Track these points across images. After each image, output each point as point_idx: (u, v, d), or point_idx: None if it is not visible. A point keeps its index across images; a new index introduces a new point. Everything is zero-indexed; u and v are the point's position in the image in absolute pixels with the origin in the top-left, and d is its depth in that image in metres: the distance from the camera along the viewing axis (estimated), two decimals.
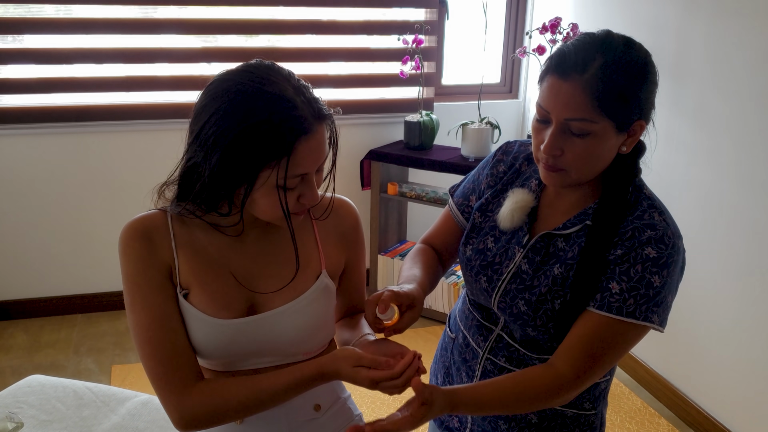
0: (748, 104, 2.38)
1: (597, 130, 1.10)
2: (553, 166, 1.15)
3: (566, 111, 1.10)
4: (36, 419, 1.87)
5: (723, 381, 2.59)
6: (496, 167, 1.36)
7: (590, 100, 1.08)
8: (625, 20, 2.99)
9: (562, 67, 1.10)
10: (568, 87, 1.09)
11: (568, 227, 1.22)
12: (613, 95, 1.08)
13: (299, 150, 1.03)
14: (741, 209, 2.44)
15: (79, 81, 3.28)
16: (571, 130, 1.11)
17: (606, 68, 1.08)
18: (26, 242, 3.40)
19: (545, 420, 1.31)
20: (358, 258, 1.32)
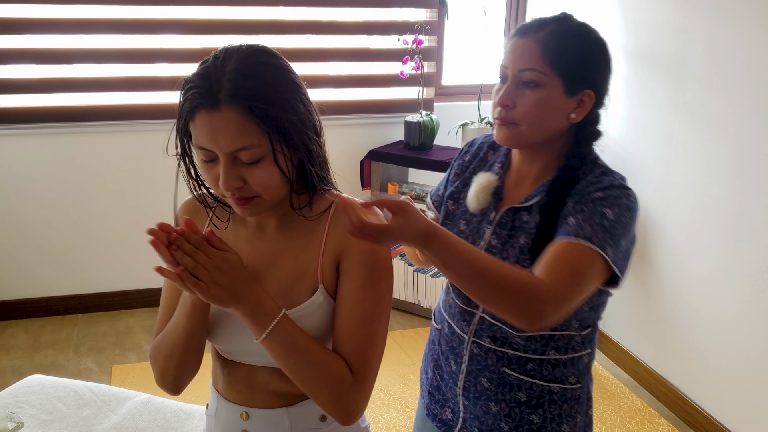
0: (747, 104, 2.39)
1: (546, 82, 1.22)
2: (505, 118, 1.26)
3: (520, 62, 1.24)
4: (36, 419, 1.87)
5: (723, 381, 2.59)
6: (463, 158, 1.47)
7: (541, 53, 1.22)
8: (626, 20, 3.00)
9: (522, 30, 1.26)
10: (523, 42, 1.24)
11: (530, 200, 1.31)
12: (562, 54, 1.22)
13: (197, 121, 1.03)
14: (741, 209, 2.44)
15: (79, 81, 3.28)
16: (523, 81, 1.24)
17: (559, 31, 1.23)
18: (26, 242, 3.40)
19: (533, 398, 1.35)
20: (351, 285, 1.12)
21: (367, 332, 1.11)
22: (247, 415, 1.20)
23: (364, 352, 1.11)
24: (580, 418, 1.39)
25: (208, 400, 1.31)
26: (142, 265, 3.55)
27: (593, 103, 1.28)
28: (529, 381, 1.34)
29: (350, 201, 1.03)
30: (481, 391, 1.37)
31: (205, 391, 2.81)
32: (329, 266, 1.14)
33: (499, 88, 1.29)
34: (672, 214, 2.79)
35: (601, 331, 3.30)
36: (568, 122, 1.28)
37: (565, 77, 1.23)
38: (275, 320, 1.06)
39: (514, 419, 1.36)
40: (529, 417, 1.36)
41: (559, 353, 1.34)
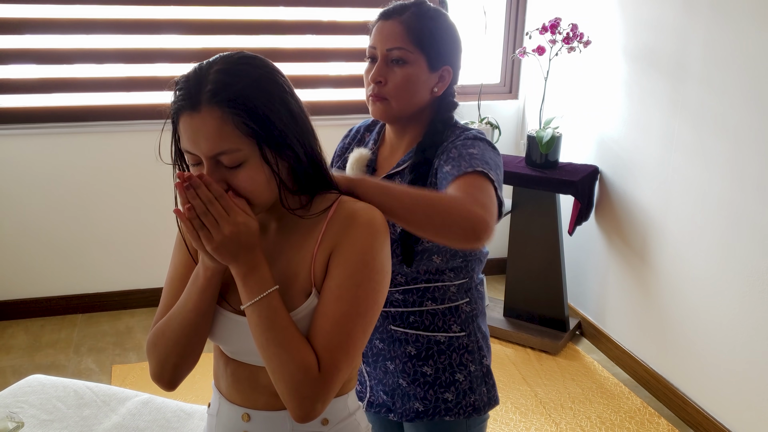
0: (747, 104, 2.39)
1: (412, 60, 1.37)
2: (378, 94, 1.40)
3: (388, 42, 1.38)
4: (36, 419, 1.87)
5: (723, 381, 2.59)
6: (344, 141, 1.61)
7: (406, 33, 1.37)
8: (626, 20, 3.00)
9: (386, 13, 1.41)
10: (389, 24, 1.39)
11: (401, 165, 1.44)
12: (423, 33, 1.37)
13: (180, 123, 1.05)
14: (740, 209, 2.45)
15: (80, 81, 3.29)
16: (392, 59, 1.38)
17: (418, 14, 1.38)
18: (27, 242, 3.40)
19: (422, 350, 1.46)
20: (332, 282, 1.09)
21: (341, 332, 1.07)
22: (249, 416, 1.20)
23: (333, 351, 1.07)
24: (474, 367, 1.49)
25: (210, 399, 1.31)
26: (143, 265, 3.55)
27: (451, 77, 1.44)
28: (414, 333, 1.46)
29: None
30: (377, 353, 1.50)
31: (205, 390, 2.82)
32: (322, 267, 1.11)
33: (369, 68, 1.43)
34: (672, 214, 2.79)
35: (601, 331, 3.30)
36: (432, 96, 1.43)
37: (428, 54, 1.38)
38: (266, 292, 1.06)
39: (409, 374, 1.48)
40: (422, 369, 1.47)
41: (437, 304, 1.45)
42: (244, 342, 1.14)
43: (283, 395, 1.07)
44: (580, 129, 3.39)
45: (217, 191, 1.02)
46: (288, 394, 1.06)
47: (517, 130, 3.95)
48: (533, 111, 3.72)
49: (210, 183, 1.02)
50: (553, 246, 3.24)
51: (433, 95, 1.44)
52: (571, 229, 3.22)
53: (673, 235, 2.79)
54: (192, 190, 1.01)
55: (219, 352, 1.23)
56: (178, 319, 1.14)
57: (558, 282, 3.27)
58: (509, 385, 3.00)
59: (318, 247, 1.11)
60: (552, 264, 3.26)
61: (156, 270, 3.55)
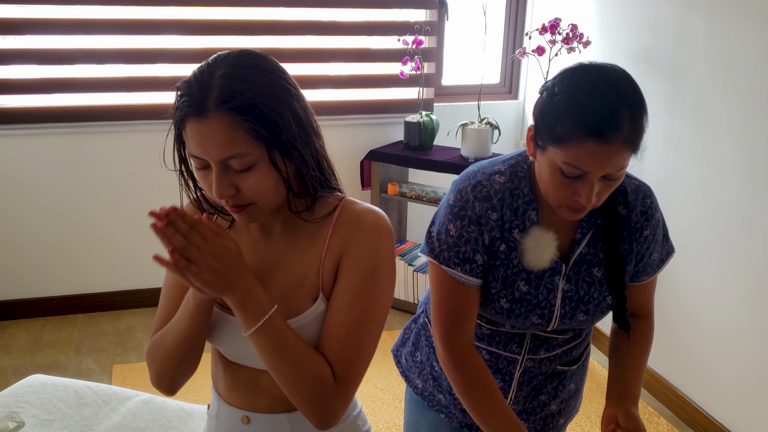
0: (747, 104, 2.39)
1: (625, 165, 1.16)
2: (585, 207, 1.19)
3: (609, 168, 1.13)
4: (37, 418, 1.88)
5: (723, 381, 2.59)
6: (488, 217, 1.28)
7: (629, 152, 1.13)
8: (625, 20, 3.00)
9: (601, 134, 1.09)
10: (611, 149, 1.10)
11: (586, 234, 1.31)
12: (640, 137, 1.14)
13: (187, 129, 1.02)
14: (741, 209, 2.45)
15: (80, 81, 3.29)
16: (607, 178, 1.15)
17: (633, 118, 1.11)
18: (27, 242, 3.40)
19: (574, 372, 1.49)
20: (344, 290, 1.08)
21: (355, 339, 1.08)
22: (248, 419, 1.20)
23: (349, 360, 1.08)
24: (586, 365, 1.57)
25: (210, 401, 1.31)
26: (143, 265, 3.56)
27: None
28: (574, 368, 1.49)
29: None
30: (529, 391, 1.45)
31: (205, 391, 2.82)
32: (330, 272, 1.11)
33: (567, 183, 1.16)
34: (672, 214, 2.79)
35: (601, 330, 3.30)
36: None
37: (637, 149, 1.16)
38: (266, 316, 1.04)
39: (560, 396, 1.49)
40: (568, 387, 1.50)
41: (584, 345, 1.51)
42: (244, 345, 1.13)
43: (303, 409, 1.08)
44: None
45: (192, 221, 1.00)
46: (308, 408, 1.07)
47: (517, 130, 3.95)
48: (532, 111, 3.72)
49: (183, 214, 1.00)
50: None
51: None
52: None
53: (673, 234, 2.78)
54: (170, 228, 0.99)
55: (217, 354, 1.22)
56: (172, 338, 1.13)
57: None
58: None
59: (326, 251, 1.11)
60: None
61: (156, 270, 3.54)
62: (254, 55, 1.05)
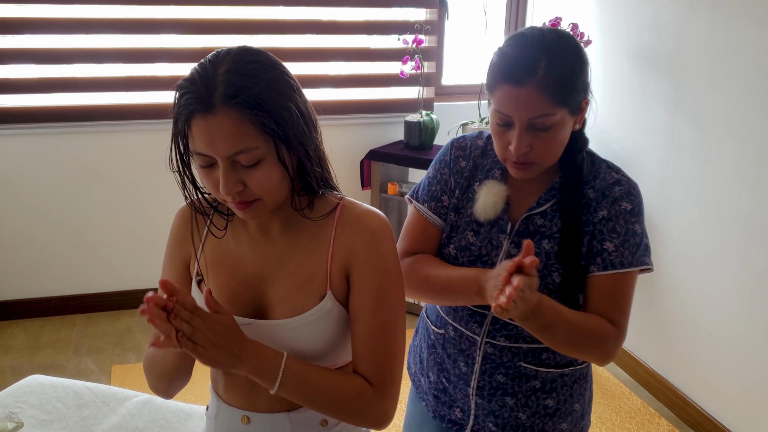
0: (748, 104, 2.38)
1: (557, 120, 1.21)
2: (524, 162, 1.25)
3: (527, 112, 1.20)
4: (36, 419, 1.87)
5: (723, 381, 2.59)
6: (458, 163, 1.41)
7: (546, 97, 1.19)
8: (626, 20, 3.00)
9: (515, 75, 1.20)
10: (525, 92, 1.19)
11: (543, 204, 1.33)
12: (563, 87, 1.20)
13: (193, 127, 1.02)
14: (741, 209, 2.44)
15: (79, 81, 3.28)
16: (535, 127, 1.22)
17: (552, 66, 1.19)
18: (26, 242, 3.40)
19: (547, 383, 1.41)
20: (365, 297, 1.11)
21: (385, 342, 1.12)
22: (248, 419, 1.20)
23: (384, 363, 1.12)
24: (587, 394, 1.48)
25: (208, 402, 1.31)
26: (142, 265, 3.55)
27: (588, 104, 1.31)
28: (545, 371, 1.40)
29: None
30: (496, 387, 1.41)
31: (204, 391, 2.82)
32: (338, 273, 1.13)
33: (502, 132, 1.25)
34: (672, 214, 2.79)
35: None
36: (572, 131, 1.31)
37: (570, 105, 1.23)
38: (281, 369, 1.06)
39: (531, 407, 1.41)
40: (544, 402, 1.42)
41: None
42: None
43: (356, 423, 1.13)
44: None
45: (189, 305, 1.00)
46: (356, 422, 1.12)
47: None
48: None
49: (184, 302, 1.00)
50: None
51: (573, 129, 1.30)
52: None
53: (673, 234, 2.79)
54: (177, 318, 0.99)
55: None
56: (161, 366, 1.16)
57: None
58: None
59: (332, 253, 1.13)
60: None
61: (156, 270, 3.52)
62: (255, 51, 1.05)
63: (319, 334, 1.13)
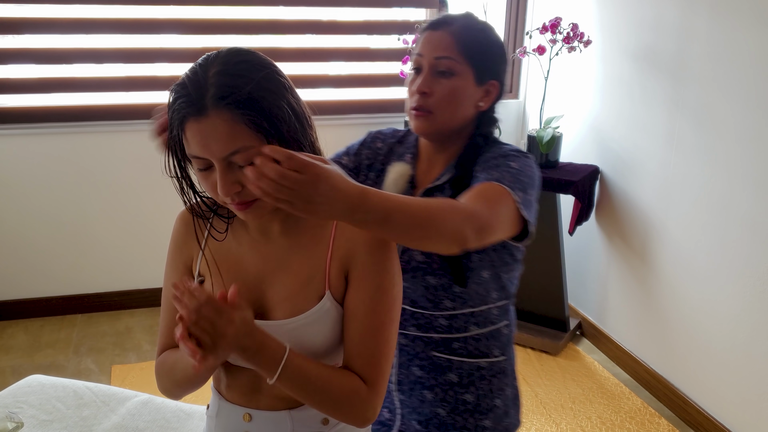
0: (749, 104, 2.38)
1: (460, 71, 1.33)
2: (422, 106, 1.35)
3: (437, 51, 1.34)
4: (36, 419, 1.87)
5: (723, 381, 2.59)
6: (374, 143, 1.53)
7: (456, 44, 1.33)
8: (626, 20, 2.99)
9: (434, 23, 1.37)
10: (438, 34, 1.35)
11: (441, 178, 1.40)
12: (472, 45, 1.34)
13: (187, 130, 1.02)
14: (741, 209, 2.44)
15: (79, 81, 3.28)
16: (439, 70, 1.34)
17: (468, 26, 1.36)
18: (26, 242, 3.40)
19: (464, 377, 1.43)
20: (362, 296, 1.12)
21: (380, 341, 1.12)
22: (250, 416, 1.20)
23: (377, 362, 1.12)
24: (509, 390, 1.49)
25: (209, 401, 1.31)
26: (142, 265, 3.55)
27: (497, 93, 1.40)
28: (458, 360, 1.42)
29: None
30: (414, 381, 1.43)
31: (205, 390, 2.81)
32: (337, 273, 1.13)
33: (414, 78, 1.38)
34: (672, 214, 2.79)
35: (601, 330, 3.29)
36: (476, 110, 1.39)
37: (476, 67, 1.34)
38: (283, 360, 1.06)
39: (449, 402, 1.43)
40: (463, 397, 1.43)
41: (480, 328, 1.42)
42: None
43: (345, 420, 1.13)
44: (580, 129, 3.38)
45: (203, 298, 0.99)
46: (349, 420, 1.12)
47: (518, 129, 3.95)
48: (534, 111, 3.72)
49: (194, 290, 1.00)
50: (554, 246, 3.24)
51: (478, 109, 1.38)
52: (572, 229, 3.22)
53: (673, 235, 2.79)
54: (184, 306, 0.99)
55: None
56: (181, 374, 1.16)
57: (558, 282, 3.26)
58: None
59: (331, 253, 1.13)
60: (552, 264, 3.26)
61: (156, 270, 3.54)
62: (245, 51, 1.05)
63: (318, 335, 1.13)
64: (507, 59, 1.42)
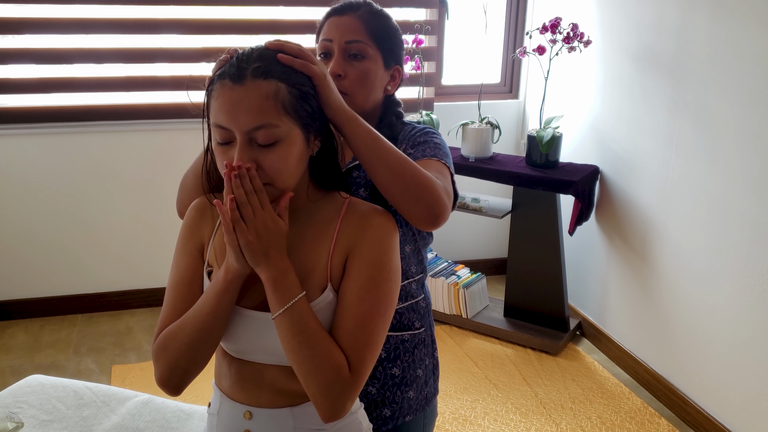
0: (748, 103, 2.38)
1: (371, 54, 1.38)
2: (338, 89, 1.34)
3: (346, 35, 1.38)
4: (36, 419, 1.87)
5: (723, 381, 2.59)
6: None
7: (364, 28, 1.38)
8: (626, 20, 3.00)
9: (339, 9, 1.41)
10: (345, 18, 1.39)
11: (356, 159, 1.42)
12: (378, 29, 1.39)
13: (219, 95, 1.05)
14: (741, 209, 2.44)
15: (79, 81, 3.28)
16: (350, 53, 1.38)
17: (371, 12, 1.41)
18: (26, 242, 3.40)
19: (391, 351, 1.46)
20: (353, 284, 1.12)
21: (365, 331, 1.11)
22: (251, 414, 1.20)
23: (360, 351, 1.10)
24: (428, 360, 1.53)
25: (210, 399, 1.31)
26: (142, 265, 3.55)
27: (400, 78, 1.46)
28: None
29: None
30: None
31: (204, 391, 2.82)
32: (338, 264, 1.14)
33: (325, 63, 1.40)
34: (672, 214, 2.79)
35: (601, 330, 3.30)
36: (384, 94, 1.45)
37: (384, 51, 1.40)
38: (295, 298, 1.07)
39: (379, 378, 1.46)
40: (391, 372, 1.46)
41: (402, 302, 1.47)
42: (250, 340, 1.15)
43: (315, 396, 1.09)
44: (580, 129, 3.38)
45: (258, 186, 1.04)
46: (320, 395, 1.08)
47: (518, 129, 3.95)
48: (534, 111, 3.72)
49: (254, 176, 1.04)
50: (554, 246, 3.24)
51: (386, 93, 1.45)
52: (572, 229, 3.22)
53: (673, 234, 2.79)
54: (237, 180, 1.03)
55: (222, 351, 1.23)
56: (193, 322, 1.12)
57: (558, 282, 3.26)
58: (509, 385, 2.99)
59: (334, 245, 1.14)
60: (552, 264, 3.26)
61: (156, 270, 3.54)
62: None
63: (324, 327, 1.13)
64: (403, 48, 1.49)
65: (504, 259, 3.80)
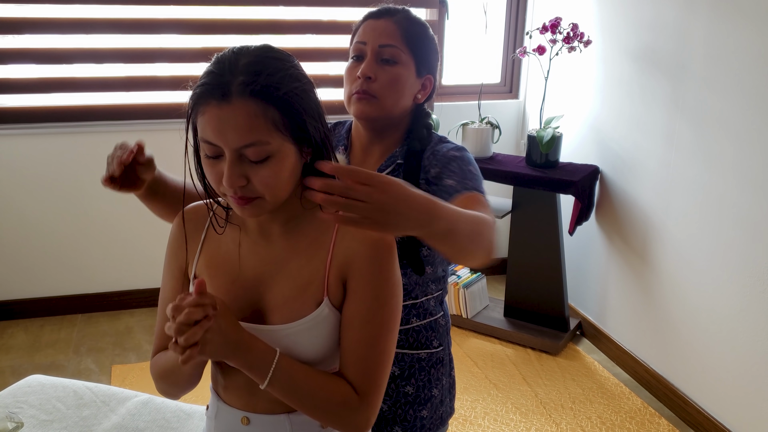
0: (748, 103, 2.38)
1: (404, 60, 1.37)
2: (366, 91, 1.36)
3: (382, 39, 1.36)
4: (36, 419, 1.87)
5: (723, 381, 2.59)
6: None
7: (400, 33, 1.37)
8: (626, 20, 2.99)
9: (377, 13, 1.40)
10: (381, 22, 1.38)
11: (383, 170, 1.41)
12: (414, 36, 1.38)
13: (206, 113, 1.00)
14: (741, 208, 2.44)
15: (79, 81, 3.28)
16: (383, 57, 1.37)
17: (408, 18, 1.40)
18: (27, 242, 3.40)
19: (405, 369, 1.45)
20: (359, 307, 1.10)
21: (375, 353, 1.11)
22: (248, 420, 1.19)
23: (371, 373, 1.11)
24: (445, 380, 1.51)
25: (208, 401, 1.31)
26: (142, 265, 3.55)
27: (432, 87, 1.44)
28: (399, 353, 1.43)
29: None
30: None
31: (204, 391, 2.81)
32: (335, 279, 1.11)
33: (354, 66, 1.40)
34: (672, 214, 2.79)
35: (601, 330, 3.30)
36: (414, 102, 1.42)
37: (417, 59, 1.38)
38: (273, 364, 1.06)
39: (391, 396, 1.45)
40: (404, 390, 1.45)
41: (420, 319, 1.45)
42: None
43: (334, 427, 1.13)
44: (580, 129, 3.38)
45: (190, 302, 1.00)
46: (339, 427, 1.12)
47: (518, 129, 3.95)
48: (534, 111, 3.72)
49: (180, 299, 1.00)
50: (554, 246, 3.24)
51: (415, 102, 1.42)
52: (572, 229, 3.22)
53: (673, 234, 2.79)
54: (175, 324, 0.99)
55: None
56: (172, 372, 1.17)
57: (558, 282, 3.26)
58: (509, 385, 2.99)
59: (331, 259, 1.11)
60: (552, 264, 3.26)
61: (156, 270, 3.54)
62: (277, 49, 1.06)
63: (316, 340, 1.12)
64: (438, 57, 1.46)
65: (504, 259, 3.79)
